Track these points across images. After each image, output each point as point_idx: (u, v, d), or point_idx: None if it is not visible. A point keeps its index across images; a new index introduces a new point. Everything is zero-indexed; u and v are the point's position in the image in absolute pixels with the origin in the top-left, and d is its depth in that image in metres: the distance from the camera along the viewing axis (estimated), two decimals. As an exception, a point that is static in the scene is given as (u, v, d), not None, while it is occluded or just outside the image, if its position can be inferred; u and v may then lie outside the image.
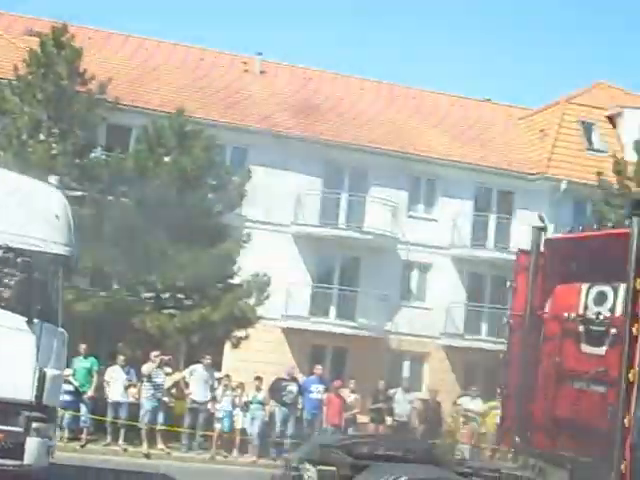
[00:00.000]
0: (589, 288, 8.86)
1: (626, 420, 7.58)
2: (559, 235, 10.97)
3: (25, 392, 8.86)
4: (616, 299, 8.33)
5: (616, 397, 7.70)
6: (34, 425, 8.90)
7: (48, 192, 9.74)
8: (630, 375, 7.62)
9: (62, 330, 9.45)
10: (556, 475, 8.82)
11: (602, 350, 8.51)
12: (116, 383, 17.32)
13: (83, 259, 12.04)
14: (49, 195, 9.66)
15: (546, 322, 9.47)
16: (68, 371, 14.96)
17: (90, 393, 17.26)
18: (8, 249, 8.67)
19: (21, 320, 8.87)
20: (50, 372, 8.93)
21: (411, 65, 59.59)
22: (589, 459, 8.26)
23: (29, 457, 8.82)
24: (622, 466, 7.55)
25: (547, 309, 9.55)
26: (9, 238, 8.74)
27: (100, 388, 17.42)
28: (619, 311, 8.12)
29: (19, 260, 8.69)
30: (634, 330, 7.67)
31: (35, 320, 8.87)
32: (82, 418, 17.00)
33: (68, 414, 16.48)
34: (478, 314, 26.31)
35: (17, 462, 8.73)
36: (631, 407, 7.61)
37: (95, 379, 17.40)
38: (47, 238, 9.15)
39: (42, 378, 8.90)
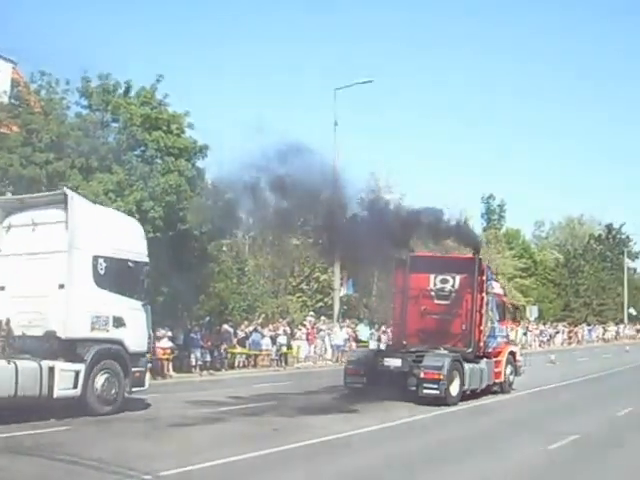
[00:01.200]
0: (435, 276, 22.81)
1: (464, 326, 22.19)
2: (414, 254, 23.37)
3: (145, 346, 17.99)
4: (455, 281, 22.71)
5: (463, 319, 22.39)
6: (149, 365, 19.11)
7: (136, 223, 18.78)
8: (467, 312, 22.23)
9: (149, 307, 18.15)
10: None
11: (448, 301, 22.65)
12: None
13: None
14: (137, 225, 18.61)
15: (410, 290, 22.85)
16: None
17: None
18: (128, 260, 17.29)
19: (138, 303, 17.65)
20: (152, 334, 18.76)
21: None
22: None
23: (146, 384, 17.95)
24: (483, 364, 22.51)
25: (409, 285, 22.87)
26: (129, 254, 17.33)
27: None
28: (457, 285, 22.60)
29: (132, 266, 17.43)
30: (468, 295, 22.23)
31: (143, 302, 17.82)
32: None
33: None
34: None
35: (143, 387, 17.83)
36: (469, 321, 22.08)
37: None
38: (142, 252, 17.88)
39: (151, 337, 18.88)
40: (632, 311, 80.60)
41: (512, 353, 24.92)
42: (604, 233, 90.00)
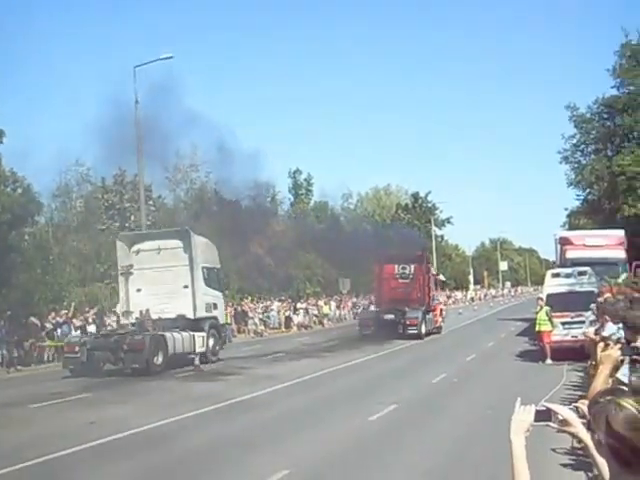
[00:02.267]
0: (399, 265, 38.18)
1: (419, 294, 37.86)
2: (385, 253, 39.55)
3: (223, 320, 31.40)
4: (411, 268, 38.36)
5: (418, 290, 38.06)
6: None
7: (211, 244, 29.68)
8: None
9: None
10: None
11: (408, 280, 38.08)
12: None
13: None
14: (212, 245, 29.56)
15: (383, 273, 38.46)
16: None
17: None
18: (214, 268, 29.38)
19: (220, 293, 30.20)
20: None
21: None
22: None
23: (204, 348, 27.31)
24: (431, 315, 38.76)
25: (383, 271, 38.60)
26: (213, 263, 29.31)
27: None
28: (412, 270, 38.23)
29: (216, 271, 29.71)
30: (420, 276, 38.51)
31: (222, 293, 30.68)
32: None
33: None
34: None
35: (226, 345, 31.42)
36: (421, 291, 38.10)
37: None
38: (217, 261, 29.88)
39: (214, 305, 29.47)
40: (441, 277, 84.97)
41: (441, 309, 43.78)
42: (411, 202, 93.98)
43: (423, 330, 36.36)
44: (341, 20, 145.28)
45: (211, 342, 28.06)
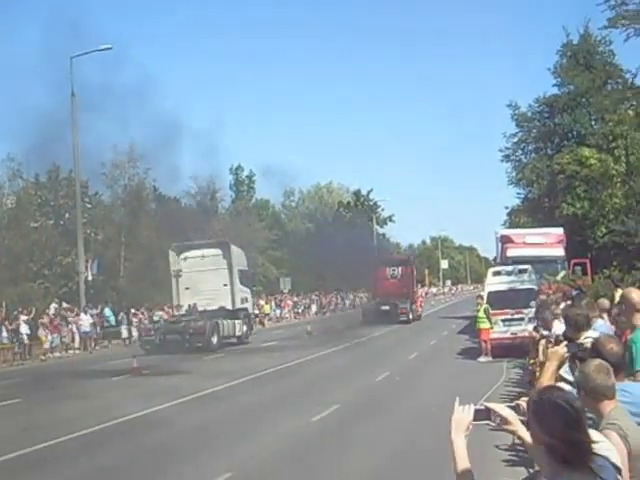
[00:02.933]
0: (390, 268, 50.03)
1: (406, 289, 48.19)
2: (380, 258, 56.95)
3: (252, 309, 40.91)
4: (399, 270, 50.02)
5: (404, 287, 48.29)
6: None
7: (241, 250, 39.14)
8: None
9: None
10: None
11: (397, 280, 49.05)
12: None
13: None
14: (242, 251, 39.24)
15: (379, 274, 49.67)
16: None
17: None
18: (245, 270, 38.40)
19: (249, 290, 39.22)
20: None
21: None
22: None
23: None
24: (414, 306, 50.26)
25: (379, 273, 50.13)
26: (244, 266, 38.38)
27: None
28: (400, 272, 49.64)
29: (246, 272, 38.73)
30: (406, 276, 50.07)
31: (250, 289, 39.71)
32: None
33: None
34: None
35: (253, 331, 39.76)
36: (408, 288, 48.71)
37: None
38: (246, 264, 39.35)
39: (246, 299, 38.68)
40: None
41: (421, 301, 56.21)
42: (353, 200, 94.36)
43: (410, 317, 47.35)
44: (277, 15, 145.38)
45: (244, 328, 36.92)
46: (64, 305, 38.90)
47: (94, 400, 19.52)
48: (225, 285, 35.88)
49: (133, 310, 40.86)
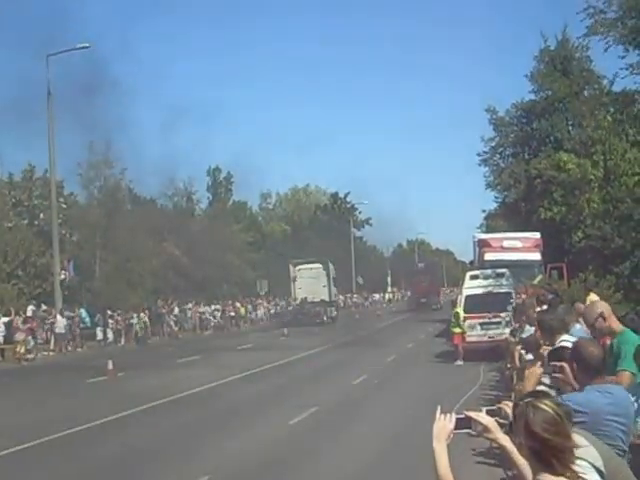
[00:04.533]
0: (422, 275, 78.83)
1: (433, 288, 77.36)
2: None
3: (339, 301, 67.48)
4: (428, 277, 78.49)
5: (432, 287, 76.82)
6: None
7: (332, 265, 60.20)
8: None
9: None
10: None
11: (428, 282, 76.39)
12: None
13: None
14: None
15: (415, 280, 79.75)
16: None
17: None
18: (334, 277, 60.19)
19: (335, 289, 62.03)
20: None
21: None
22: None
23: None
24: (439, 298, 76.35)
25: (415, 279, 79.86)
26: (333, 275, 59.25)
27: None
28: (429, 279, 78.02)
29: (335, 278, 60.63)
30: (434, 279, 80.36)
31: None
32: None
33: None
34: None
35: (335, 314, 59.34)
36: (435, 286, 79.72)
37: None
38: (334, 272, 61.96)
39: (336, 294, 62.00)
40: (360, 280, 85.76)
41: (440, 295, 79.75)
42: (330, 203, 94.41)
43: (439, 306, 68.38)
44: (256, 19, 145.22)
45: (335, 312, 57.23)
46: (43, 307, 38.63)
47: (72, 401, 19.48)
48: (324, 286, 56.10)
49: (109, 312, 40.65)
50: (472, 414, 3.69)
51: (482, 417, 3.68)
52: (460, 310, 25.95)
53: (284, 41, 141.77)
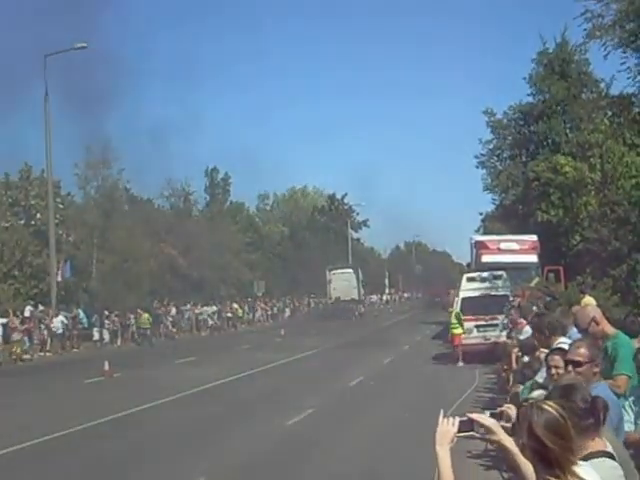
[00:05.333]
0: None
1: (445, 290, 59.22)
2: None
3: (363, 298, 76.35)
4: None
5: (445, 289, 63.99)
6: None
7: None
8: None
9: None
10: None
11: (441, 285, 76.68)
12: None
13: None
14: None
15: (431, 287, 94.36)
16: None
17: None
18: (362, 279, 73.62)
19: (363, 290, 76.24)
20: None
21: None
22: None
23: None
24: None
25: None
26: (361, 278, 72.34)
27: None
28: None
29: (363, 280, 74.84)
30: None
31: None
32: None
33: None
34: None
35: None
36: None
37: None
38: (361, 276, 75.52)
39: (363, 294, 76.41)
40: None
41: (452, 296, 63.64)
42: (327, 204, 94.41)
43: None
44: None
45: (363, 309, 69.05)
46: (40, 308, 38.62)
47: (69, 401, 19.52)
48: (354, 288, 67.40)
49: (106, 312, 40.67)
50: (475, 416, 3.66)
51: (485, 419, 3.68)
52: (457, 312, 25.97)
53: (284, 41, 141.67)
